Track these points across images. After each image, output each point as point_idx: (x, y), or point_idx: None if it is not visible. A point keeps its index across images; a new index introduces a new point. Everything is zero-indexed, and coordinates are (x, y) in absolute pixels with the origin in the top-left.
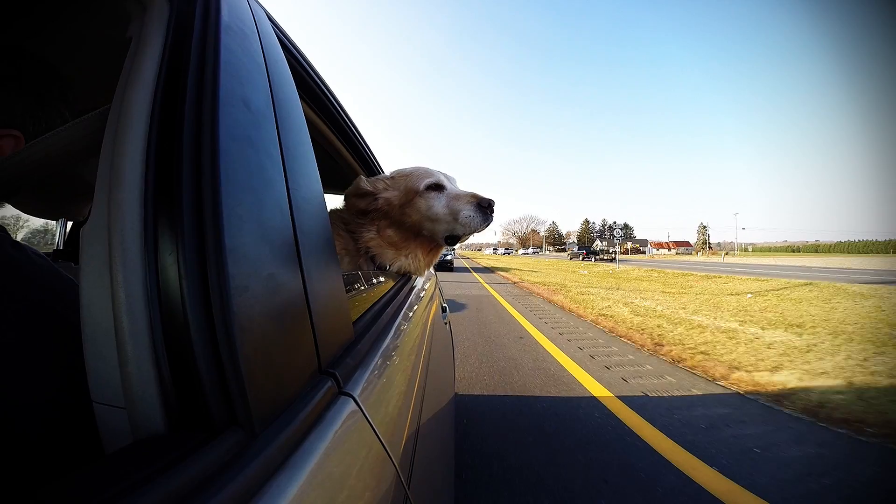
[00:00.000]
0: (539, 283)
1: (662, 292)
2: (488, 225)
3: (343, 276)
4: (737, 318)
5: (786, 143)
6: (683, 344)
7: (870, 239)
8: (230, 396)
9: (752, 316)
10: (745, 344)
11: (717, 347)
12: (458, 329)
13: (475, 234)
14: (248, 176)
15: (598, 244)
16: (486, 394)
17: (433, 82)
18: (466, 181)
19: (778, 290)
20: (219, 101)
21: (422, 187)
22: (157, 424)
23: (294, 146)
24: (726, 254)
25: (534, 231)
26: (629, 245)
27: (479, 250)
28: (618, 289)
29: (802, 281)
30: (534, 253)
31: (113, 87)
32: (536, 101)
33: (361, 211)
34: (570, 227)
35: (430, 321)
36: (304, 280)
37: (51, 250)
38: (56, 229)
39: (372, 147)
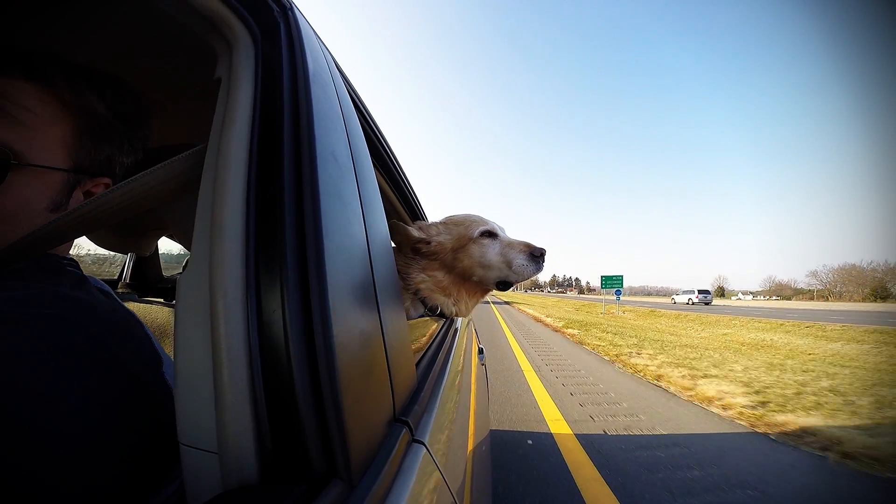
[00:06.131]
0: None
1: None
2: (539, 272)
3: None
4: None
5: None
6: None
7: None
8: (332, 449)
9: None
10: None
11: None
12: None
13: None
14: (340, 232)
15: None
16: None
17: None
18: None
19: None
20: (316, 155)
21: (475, 234)
22: (251, 472)
23: (368, 197)
24: None
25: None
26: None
27: None
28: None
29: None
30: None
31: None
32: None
33: (413, 250)
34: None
35: (472, 362)
36: (382, 330)
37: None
38: (127, 261)
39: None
